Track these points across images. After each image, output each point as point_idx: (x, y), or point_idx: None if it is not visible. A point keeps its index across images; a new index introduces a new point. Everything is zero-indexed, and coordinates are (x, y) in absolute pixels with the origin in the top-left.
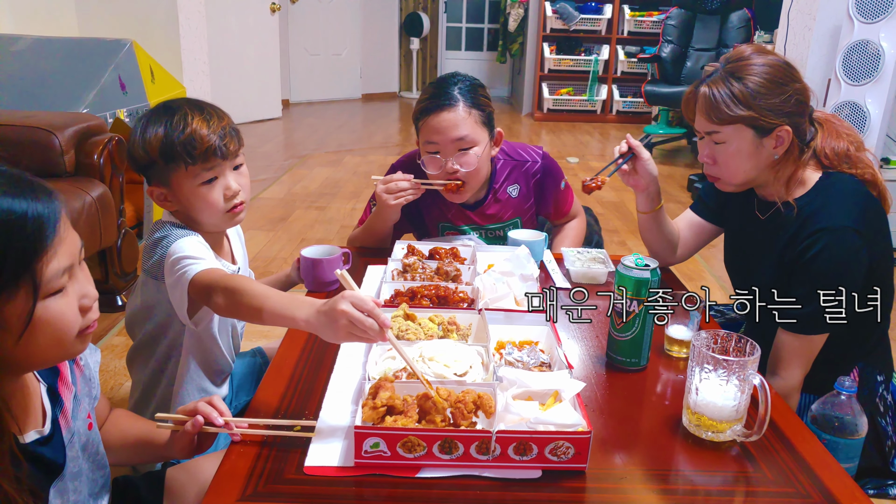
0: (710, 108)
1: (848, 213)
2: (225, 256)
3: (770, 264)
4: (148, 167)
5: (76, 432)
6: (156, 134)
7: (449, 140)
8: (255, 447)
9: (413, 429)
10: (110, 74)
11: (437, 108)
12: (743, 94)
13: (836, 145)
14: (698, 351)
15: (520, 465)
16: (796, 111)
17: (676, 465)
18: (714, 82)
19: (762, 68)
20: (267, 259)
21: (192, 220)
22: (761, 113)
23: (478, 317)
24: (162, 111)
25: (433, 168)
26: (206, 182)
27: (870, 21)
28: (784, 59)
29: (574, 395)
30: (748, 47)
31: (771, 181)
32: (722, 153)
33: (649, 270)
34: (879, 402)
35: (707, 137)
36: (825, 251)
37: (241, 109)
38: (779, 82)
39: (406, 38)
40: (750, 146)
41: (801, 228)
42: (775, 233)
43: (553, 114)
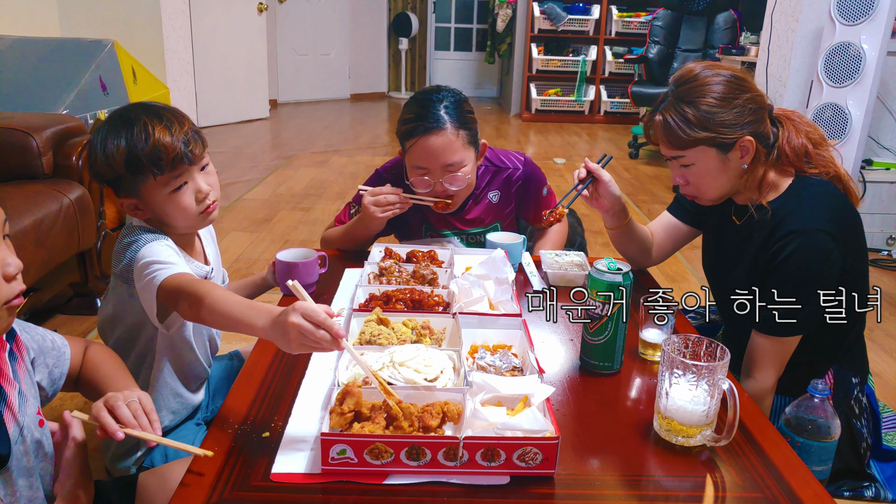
0: (668, 135)
1: (819, 216)
2: (197, 257)
3: (744, 268)
4: (114, 181)
5: (25, 427)
6: (118, 148)
7: (439, 165)
8: (223, 454)
9: (380, 435)
10: (91, 75)
11: (425, 131)
12: (697, 117)
13: (796, 143)
14: (668, 355)
15: (488, 472)
16: (754, 119)
17: (646, 471)
18: (667, 109)
19: (711, 87)
20: (249, 261)
21: (164, 225)
22: (719, 131)
23: (452, 321)
24: (119, 122)
25: (422, 187)
26: (177, 189)
27: (851, 23)
28: (732, 70)
29: (543, 400)
30: (696, 65)
31: (744, 188)
32: (692, 174)
33: (621, 274)
34: (854, 404)
35: (674, 162)
36: (797, 253)
37: (228, 110)
38: (729, 98)
39: (395, 38)
40: (716, 163)
41: (774, 231)
42: (750, 236)
43: (541, 114)
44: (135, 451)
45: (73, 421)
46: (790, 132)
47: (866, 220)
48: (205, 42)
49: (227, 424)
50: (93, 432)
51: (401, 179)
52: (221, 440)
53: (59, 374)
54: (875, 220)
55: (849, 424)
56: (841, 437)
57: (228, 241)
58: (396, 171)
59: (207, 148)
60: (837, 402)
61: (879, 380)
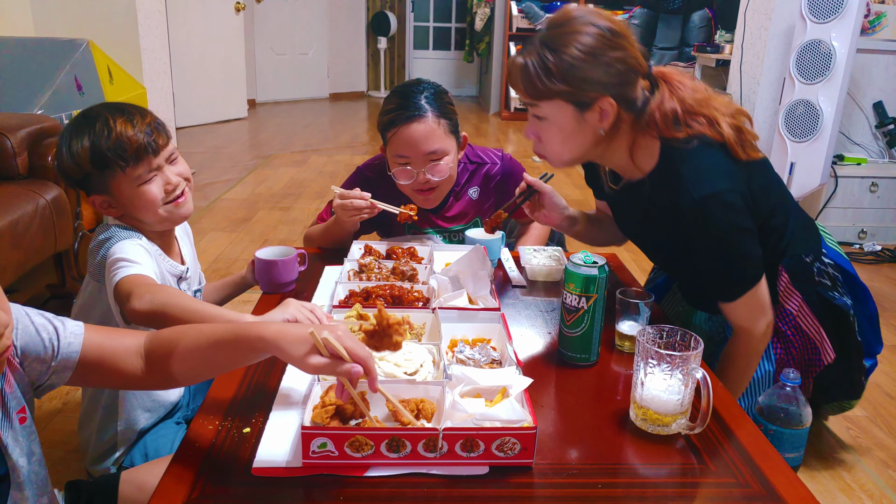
0: (524, 81)
1: (709, 178)
2: (174, 257)
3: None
4: (84, 180)
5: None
6: (82, 146)
7: (421, 154)
8: (205, 448)
9: (360, 428)
10: (66, 75)
11: (407, 119)
12: (557, 67)
13: (667, 108)
14: (643, 346)
15: (467, 462)
16: (620, 81)
17: (623, 459)
18: (529, 52)
19: (580, 37)
20: (228, 261)
21: (138, 222)
22: (578, 87)
23: (431, 316)
24: (82, 122)
25: (404, 179)
26: (146, 182)
27: (821, 21)
28: (611, 24)
29: (521, 391)
30: (575, 9)
31: (609, 155)
32: (545, 130)
33: (597, 267)
34: (822, 278)
35: (529, 112)
36: (706, 224)
37: (206, 109)
38: (597, 53)
39: (373, 38)
40: (571, 122)
41: (668, 208)
42: (638, 203)
43: (520, 113)
44: (113, 451)
45: None
46: (664, 96)
47: (838, 215)
48: (182, 42)
49: (207, 421)
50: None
51: (381, 177)
52: (202, 436)
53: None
54: (847, 215)
55: (829, 307)
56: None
57: (207, 241)
58: (377, 169)
59: (171, 140)
60: (802, 285)
61: None
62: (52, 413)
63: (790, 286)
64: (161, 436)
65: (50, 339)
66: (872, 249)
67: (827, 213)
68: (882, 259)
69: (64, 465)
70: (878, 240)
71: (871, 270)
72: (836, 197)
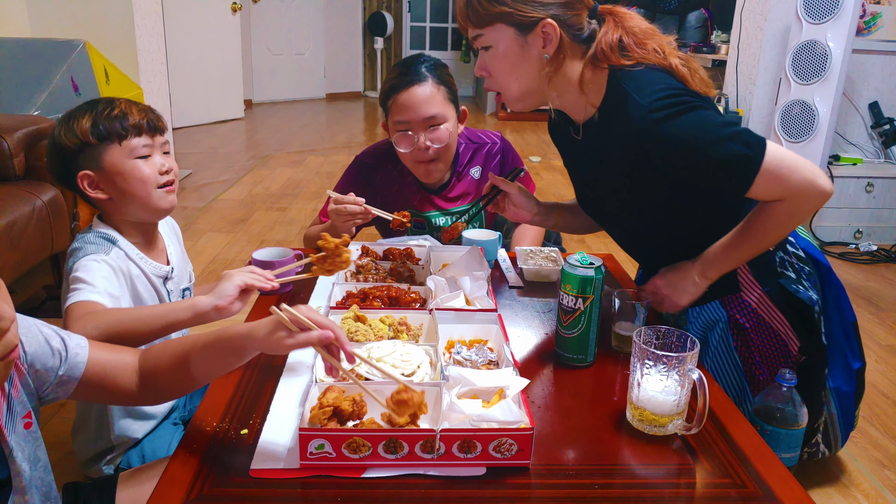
0: (467, 9)
1: (651, 89)
2: (158, 257)
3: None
4: (77, 153)
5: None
6: (84, 120)
7: (420, 118)
8: (202, 451)
9: (358, 430)
10: (62, 75)
11: (407, 84)
12: None
13: (612, 38)
14: (639, 347)
15: (464, 463)
16: (564, 4)
17: (620, 460)
18: None
19: None
20: (225, 261)
21: (122, 211)
22: (516, 7)
23: (429, 317)
24: (85, 105)
25: (405, 146)
26: (140, 157)
27: (817, 22)
28: None
29: (518, 392)
30: None
31: (559, 91)
32: (492, 61)
33: (594, 268)
34: (785, 269)
35: (476, 46)
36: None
37: (203, 110)
38: None
39: (370, 38)
40: (514, 46)
41: (622, 130)
42: (597, 149)
43: (517, 113)
44: (109, 452)
45: None
46: (609, 28)
47: (833, 214)
48: (178, 42)
49: (205, 423)
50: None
51: (378, 163)
52: (200, 438)
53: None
54: (842, 214)
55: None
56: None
57: (204, 242)
58: (374, 155)
59: (168, 135)
60: (763, 276)
61: None
62: (50, 414)
63: (749, 276)
64: (158, 437)
65: (58, 349)
66: (868, 249)
67: (823, 214)
68: (878, 259)
69: (61, 467)
70: (873, 240)
71: (867, 270)
72: (832, 197)
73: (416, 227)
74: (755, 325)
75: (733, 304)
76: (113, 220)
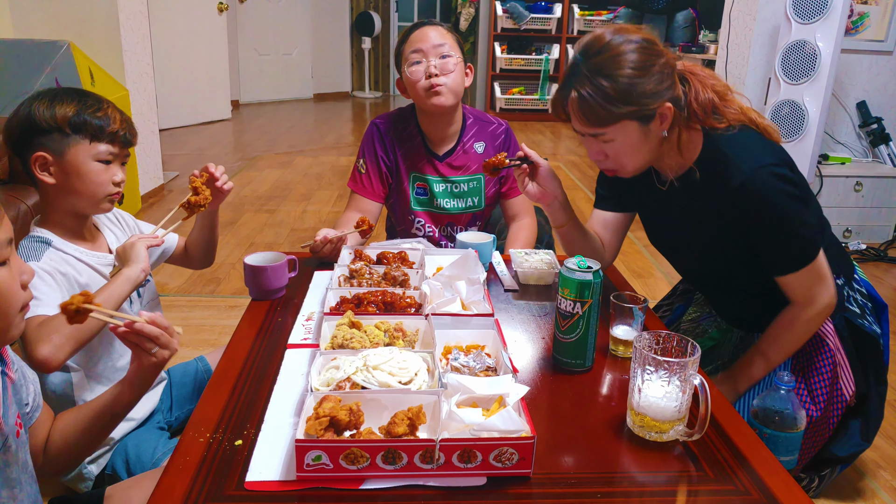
0: (586, 112)
1: (754, 156)
2: (99, 247)
3: (701, 231)
4: (45, 133)
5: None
6: (69, 107)
7: (432, 46)
8: (195, 463)
9: (355, 440)
10: (47, 77)
11: (421, 25)
12: (617, 90)
13: (703, 98)
14: (640, 352)
15: (464, 473)
16: (670, 84)
17: (621, 467)
18: (581, 84)
19: (626, 56)
20: (214, 265)
21: (63, 199)
22: (641, 104)
23: (425, 322)
24: (71, 92)
25: (416, 74)
26: (102, 161)
27: (806, 22)
28: (642, 34)
29: (518, 399)
30: (604, 31)
31: (662, 154)
32: (612, 149)
33: (592, 272)
34: (851, 304)
35: (588, 137)
36: (763, 200)
37: (190, 111)
38: (647, 65)
39: (357, 38)
40: (639, 136)
41: (718, 192)
42: (687, 199)
43: (505, 113)
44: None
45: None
46: (697, 88)
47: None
48: (164, 43)
49: (198, 433)
50: None
51: (393, 125)
52: (193, 450)
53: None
54: (832, 214)
55: (856, 327)
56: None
57: None
58: (389, 117)
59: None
60: (833, 311)
61: None
62: None
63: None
64: (142, 441)
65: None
66: (857, 248)
67: None
68: (867, 258)
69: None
70: (863, 238)
71: None
72: (822, 196)
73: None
74: (822, 360)
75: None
76: (51, 206)
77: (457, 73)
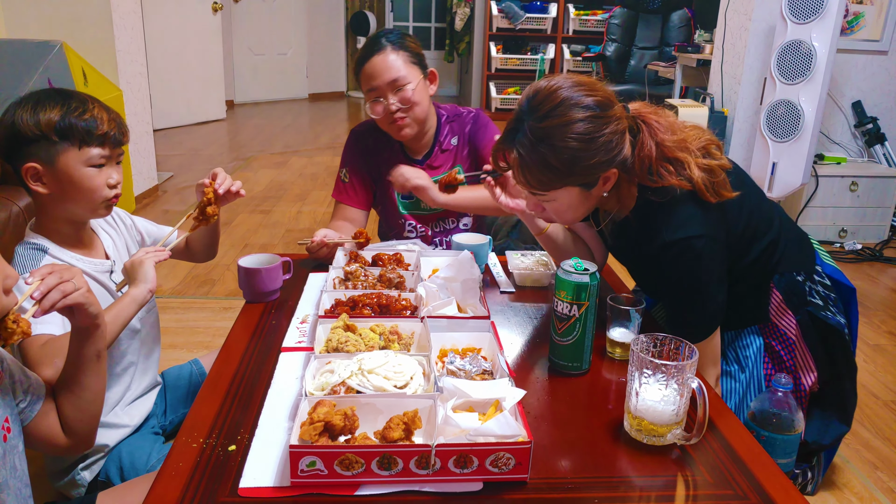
0: (526, 175)
1: (675, 226)
2: (96, 252)
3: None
4: (32, 142)
5: None
6: (53, 112)
7: (384, 82)
8: (188, 469)
9: (350, 446)
10: (39, 77)
11: (368, 55)
12: (560, 162)
13: (643, 154)
14: (637, 356)
15: (460, 479)
16: (618, 151)
17: (618, 471)
18: (523, 145)
19: (573, 126)
20: (208, 266)
21: (59, 207)
22: (583, 174)
23: (420, 325)
24: (54, 94)
25: (376, 112)
26: (95, 166)
27: (802, 22)
28: (594, 94)
29: (515, 404)
30: (558, 83)
31: (605, 202)
32: (551, 207)
33: (588, 275)
34: (814, 297)
35: (529, 193)
36: (672, 266)
37: (184, 111)
38: (594, 136)
39: (353, 37)
40: (579, 198)
41: (646, 244)
42: (622, 240)
43: (501, 113)
44: (81, 461)
45: None
46: (644, 140)
47: (818, 214)
48: (158, 42)
49: (191, 438)
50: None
51: (372, 132)
52: (186, 455)
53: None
54: (827, 213)
55: (819, 319)
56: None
57: None
58: (368, 125)
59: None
60: (795, 305)
61: None
62: None
63: (783, 305)
64: (137, 447)
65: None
66: (853, 248)
67: (807, 213)
68: (863, 258)
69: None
70: (858, 238)
71: (852, 269)
72: (817, 196)
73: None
74: (787, 352)
75: (769, 332)
76: (46, 214)
77: (419, 98)
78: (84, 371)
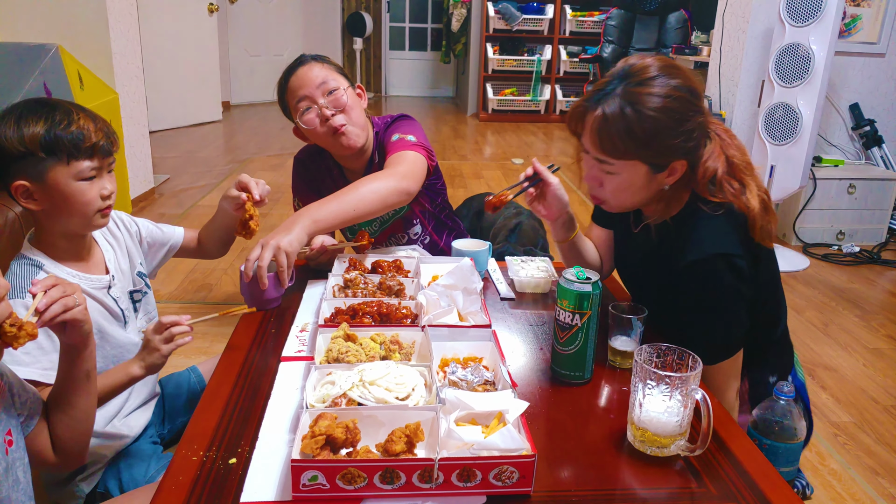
0: (603, 137)
1: (720, 241)
2: (95, 267)
3: (654, 281)
4: (19, 159)
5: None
6: (37, 126)
7: (313, 86)
8: (189, 482)
9: (352, 460)
10: (35, 81)
11: (291, 70)
12: (643, 130)
13: (710, 165)
14: (641, 366)
15: (464, 492)
16: (696, 145)
17: (622, 483)
18: (610, 105)
19: (664, 100)
20: (206, 271)
21: (54, 222)
22: (660, 152)
23: (421, 334)
24: (37, 106)
25: (311, 122)
26: (86, 179)
27: (800, 25)
28: (689, 82)
29: (518, 416)
30: (654, 62)
31: (653, 201)
32: (611, 182)
33: (591, 283)
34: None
35: (593, 162)
36: (708, 281)
37: (180, 113)
38: (681, 118)
39: (349, 38)
40: (643, 179)
41: (677, 255)
42: (652, 247)
43: (498, 114)
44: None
45: None
46: (713, 152)
47: (816, 216)
48: (154, 45)
49: (191, 451)
50: None
51: (313, 157)
52: (186, 468)
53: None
54: (825, 216)
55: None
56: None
57: None
58: (308, 151)
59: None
60: (754, 402)
61: (835, 374)
62: None
63: (745, 396)
64: (135, 458)
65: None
66: (851, 251)
67: (805, 216)
68: (861, 260)
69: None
70: (856, 241)
71: (850, 272)
72: (815, 199)
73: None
74: None
75: None
76: (42, 230)
77: (352, 104)
78: (74, 390)
